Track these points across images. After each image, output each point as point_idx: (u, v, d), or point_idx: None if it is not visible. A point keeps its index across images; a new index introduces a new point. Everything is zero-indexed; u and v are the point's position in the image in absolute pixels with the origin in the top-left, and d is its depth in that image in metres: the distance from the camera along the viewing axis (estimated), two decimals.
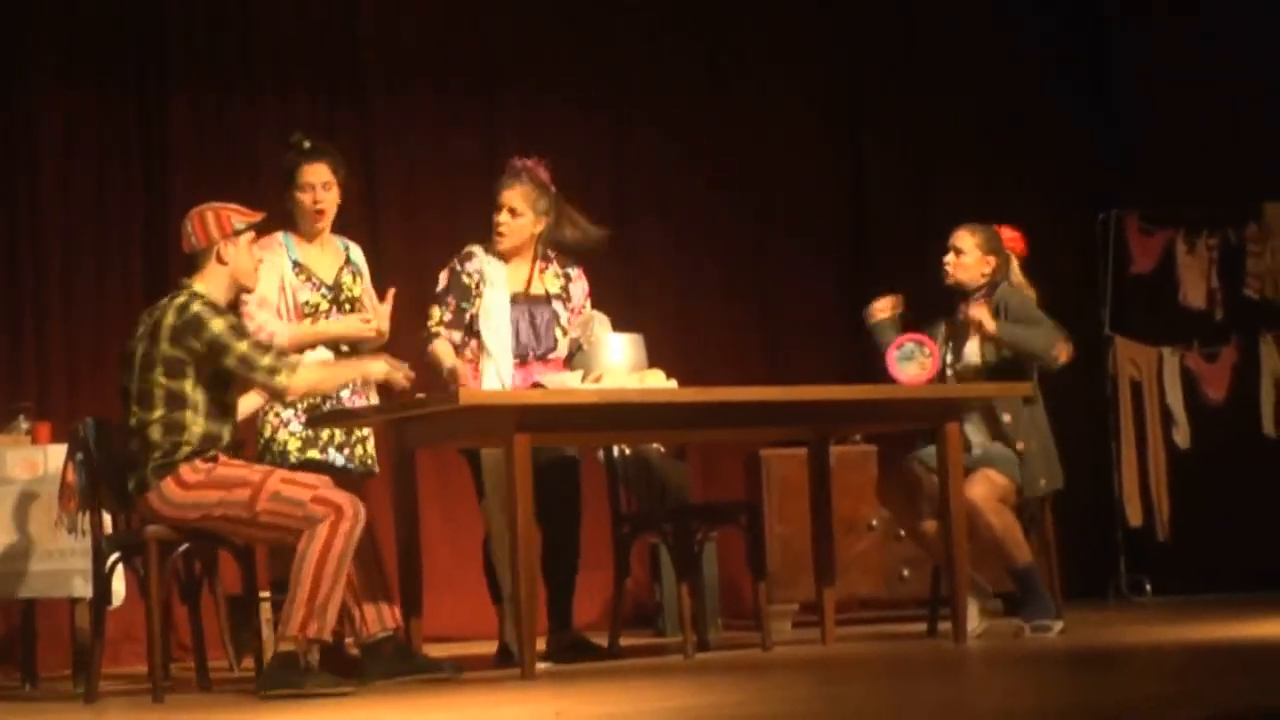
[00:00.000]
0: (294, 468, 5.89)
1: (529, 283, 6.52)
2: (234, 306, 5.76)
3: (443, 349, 6.36)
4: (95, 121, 8.07)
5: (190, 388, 5.47)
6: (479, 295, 6.43)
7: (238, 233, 5.61)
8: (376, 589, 5.69)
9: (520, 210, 6.45)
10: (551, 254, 6.56)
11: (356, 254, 6.42)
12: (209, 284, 5.60)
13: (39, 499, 6.51)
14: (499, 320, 6.41)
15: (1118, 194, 9.32)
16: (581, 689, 5.29)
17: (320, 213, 6.27)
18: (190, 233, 5.63)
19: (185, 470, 5.44)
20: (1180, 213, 9.03)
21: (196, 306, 5.51)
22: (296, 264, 6.20)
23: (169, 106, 8.17)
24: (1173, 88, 9.29)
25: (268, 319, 6.07)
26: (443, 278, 6.49)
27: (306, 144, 6.28)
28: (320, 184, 6.25)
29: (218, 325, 5.47)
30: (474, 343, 6.41)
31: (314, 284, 6.21)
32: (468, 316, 6.42)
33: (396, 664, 5.67)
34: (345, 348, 6.15)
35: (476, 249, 6.50)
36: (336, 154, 6.34)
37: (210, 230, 5.61)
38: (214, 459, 5.47)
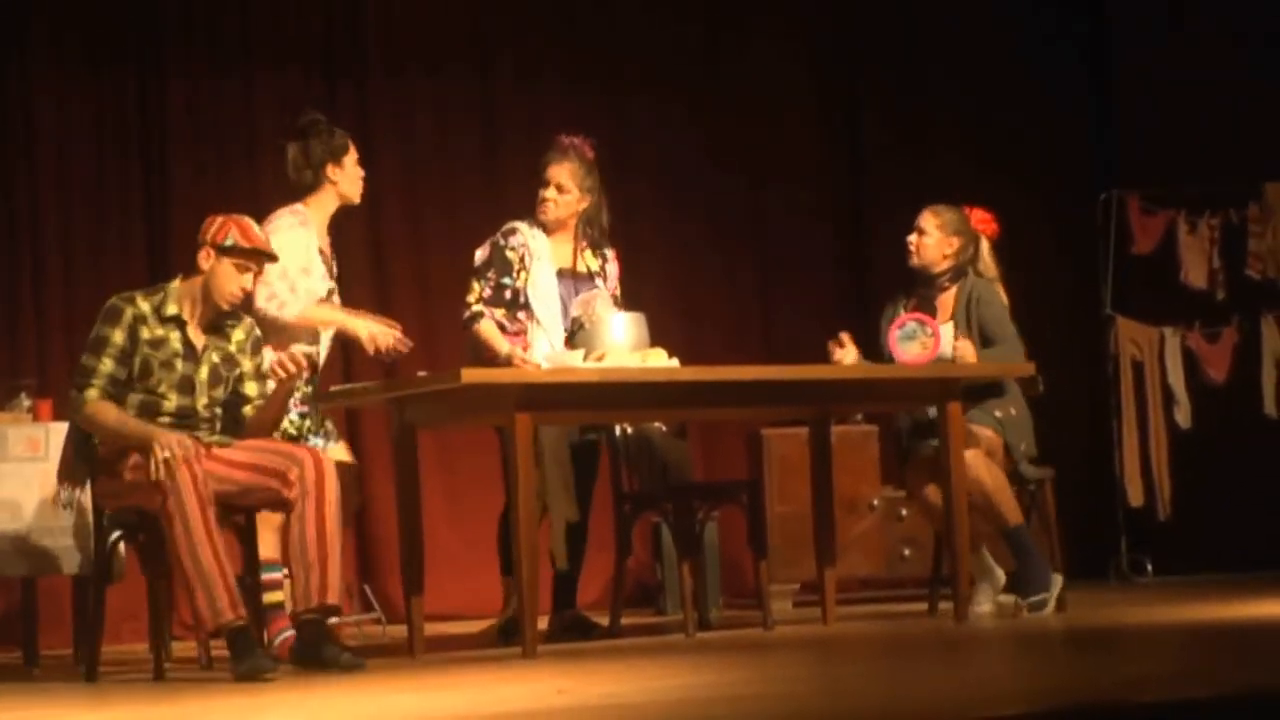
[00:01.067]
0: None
1: (574, 259, 6.54)
2: (213, 328, 5.60)
3: (491, 331, 6.36)
4: (93, 101, 8.07)
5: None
6: (524, 269, 6.45)
7: (223, 250, 5.51)
8: (309, 564, 5.45)
9: (567, 187, 6.48)
10: (591, 232, 6.58)
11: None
12: (185, 286, 5.57)
13: (40, 477, 6.52)
14: (547, 291, 6.44)
15: (1119, 174, 9.31)
16: (583, 667, 5.29)
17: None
18: (200, 229, 5.60)
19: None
20: (1181, 193, 9.02)
21: (116, 299, 5.51)
22: (321, 251, 6.19)
23: (167, 87, 8.16)
24: (1174, 68, 9.27)
25: (284, 290, 6.04)
26: (481, 253, 6.52)
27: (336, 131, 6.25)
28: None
29: (98, 324, 5.47)
30: (522, 314, 6.41)
31: (334, 273, 6.23)
32: (509, 292, 6.42)
33: (304, 649, 5.47)
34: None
35: (519, 224, 6.53)
36: None
37: (205, 233, 5.56)
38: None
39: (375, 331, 6.08)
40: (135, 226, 8.10)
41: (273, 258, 5.71)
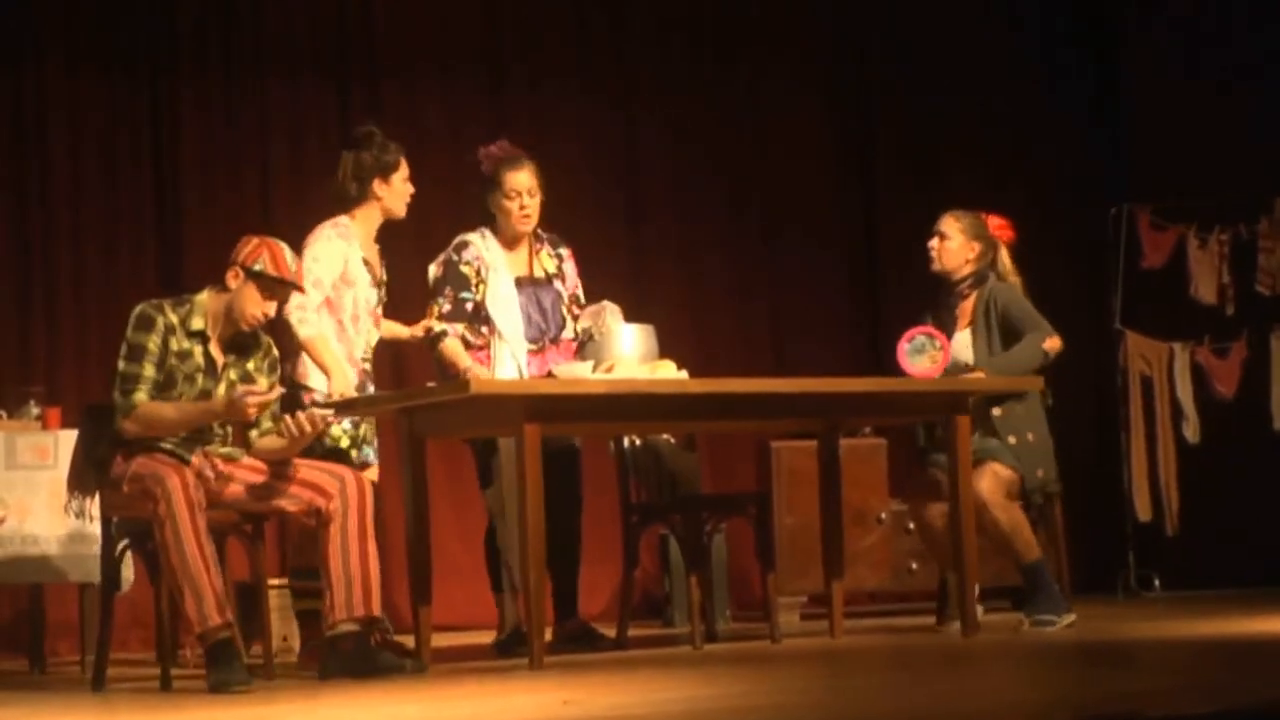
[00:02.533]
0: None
1: (530, 265, 6.50)
2: (236, 345, 5.59)
3: (454, 347, 6.34)
4: (105, 109, 8.08)
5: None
6: (482, 282, 6.40)
7: (251, 273, 5.51)
8: (351, 577, 5.53)
9: (537, 191, 6.44)
10: (542, 235, 6.55)
11: None
12: (211, 301, 5.57)
13: (49, 484, 6.52)
14: (507, 303, 6.40)
15: (1129, 189, 9.30)
16: (590, 679, 5.29)
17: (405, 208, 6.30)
18: (236, 248, 5.63)
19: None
20: (1192, 208, 9.02)
21: (146, 306, 5.51)
22: (365, 260, 6.22)
23: (179, 94, 8.17)
24: (1185, 82, 9.27)
25: (308, 303, 6.03)
26: (435, 270, 6.47)
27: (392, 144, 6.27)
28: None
29: (131, 331, 5.47)
30: (484, 329, 6.40)
31: (376, 282, 6.25)
32: (469, 306, 6.40)
33: (357, 662, 5.51)
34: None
35: (471, 237, 6.47)
36: None
37: (238, 253, 5.57)
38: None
39: (344, 389, 6.05)
40: (146, 235, 8.11)
41: (299, 289, 5.73)
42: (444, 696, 4.99)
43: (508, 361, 6.34)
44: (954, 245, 6.66)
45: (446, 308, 6.40)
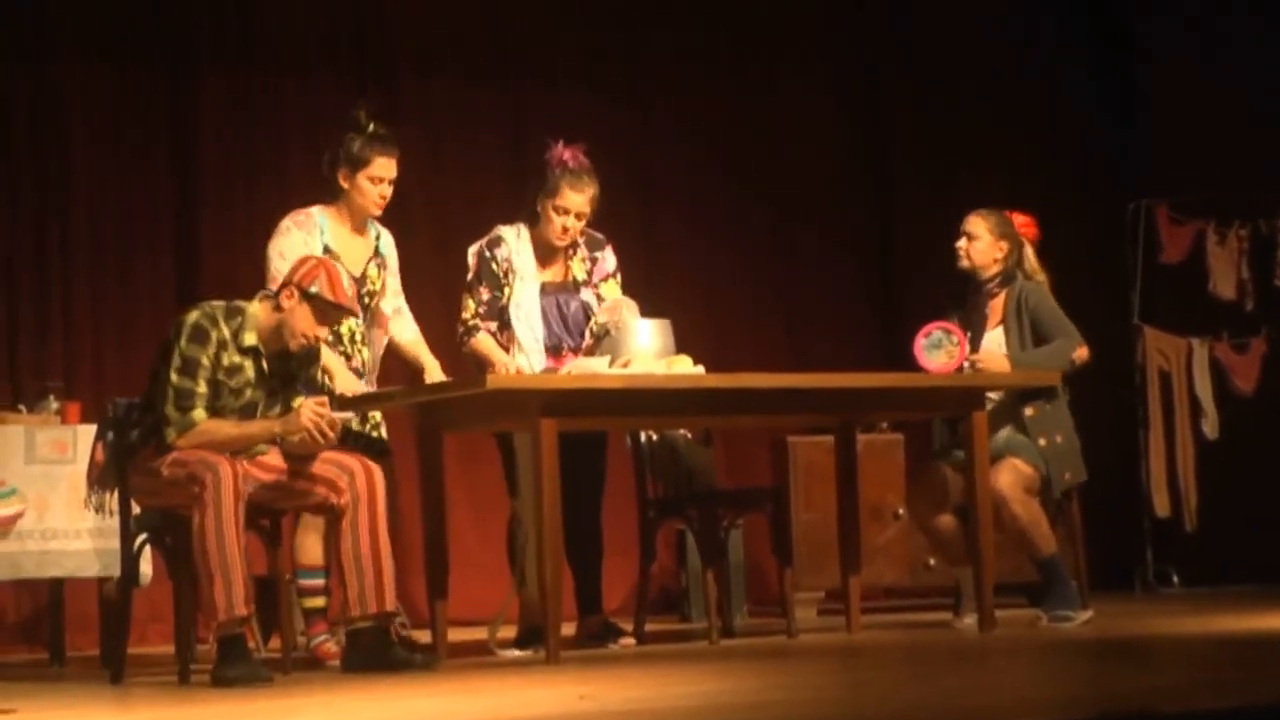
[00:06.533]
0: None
1: (563, 272, 6.45)
2: (279, 356, 5.56)
3: (487, 343, 6.31)
4: (123, 104, 8.09)
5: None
6: (508, 285, 6.36)
7: (306, 296, 5.47)
8: (364, 571, 5.53)
9: (587, 214, 6.34)
10: (578, 239, 6.50)
11: (386, 244, 6.33)
12: (262, 314, 5.54)
13: (68, 479, 6.54)
14: (529, 312, 6.35)
15: (1147, 184, 9.28)
16: (606, 674, 5.29)
17: (381, 207, 6.18)
18: (272, 261, 5.60)
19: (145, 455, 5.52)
20: (1210, 203, 8.99)
21: (200, 317, 5.47)
22: (327, 249, 6.11)
23: (197, 90, 8.18)
24: (1203, 76, 9.24)
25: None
26: (472, 262, 6.40)
27: (381, 130, 6.10)
28: (389, 179, 6.12)
29: (181, 343, 5.43)
30: (505, 333, 6.37)
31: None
32: (499, 305, 6.36)
33: (371, 657, 5.52)
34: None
35: (505, 233, 6.39)
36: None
37: (294, 272, 5.54)
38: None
39: (350, 387, 6.01)
40: (164, 231, 8.12)
41: (354, 314, 5.70)
42: (461, 690, 5.00)
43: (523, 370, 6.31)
44: (982, 245, 6.65)
45: (484, 299, 6.33)
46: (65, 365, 7.78)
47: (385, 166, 6.14)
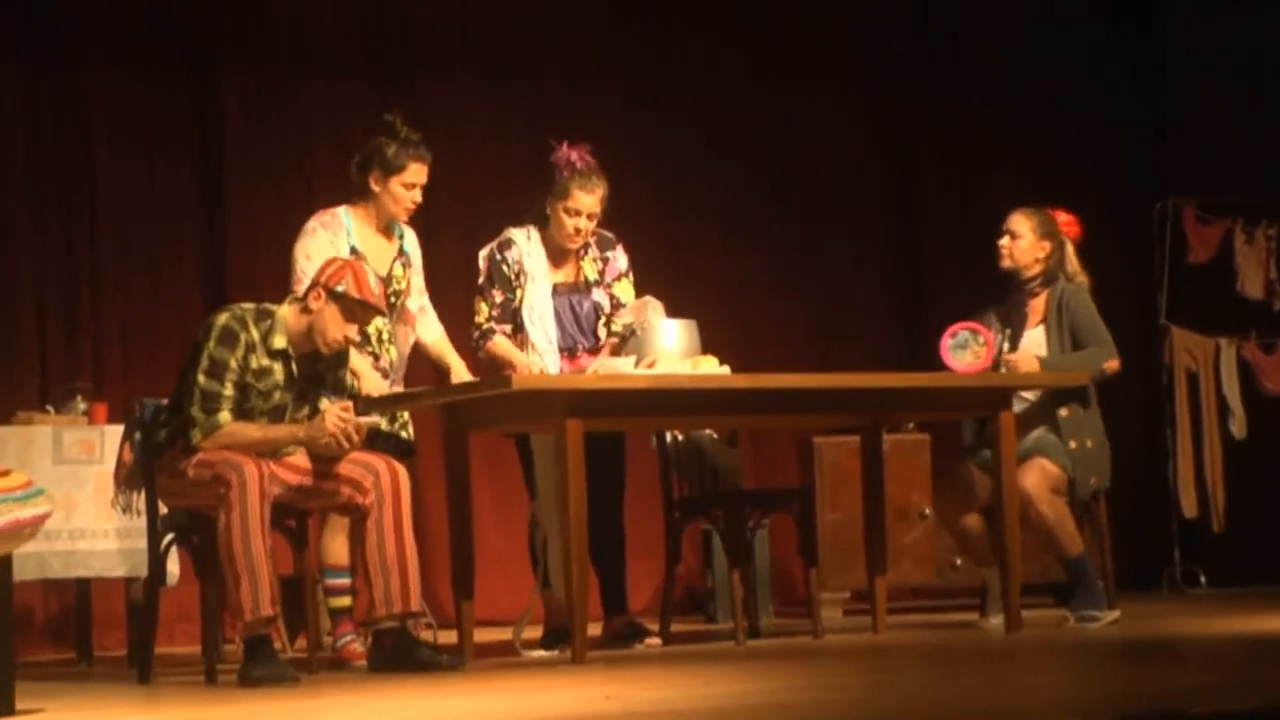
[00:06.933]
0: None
1: (574, 272, 6.45)
2: (308, 358, 5.57)
3: (505, 345, 6.31)
4: (149, 105, 8.11)
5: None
6: (520, 287, 6.35)
7: (333, 295, 5.48)
8: (389, 570, 5.54)
9: (597, 214, 6.34)
10: (590, 239, 6.47)
11: (410, 243, 6.34)
12: (290, 317, 5.55)
13: (95, 479, 6.56)
14: (542, 314, 6.35)
15: (1175, 183, 9.25)
16: (632, 674, 5.29)
17: (411, 212, 6.20)
18: (298, 262, 5.62)
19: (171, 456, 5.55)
20: (1238, 202, 8.96)
21: (230, 320, 5.48)
22: (354, 249, 6.12)
23: (221, 90, 8.20)
24: (1229, 76, 9.21)
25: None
26: (482, 265, 6.39)
27: (414, 136, 6.13)
28: (421, 184, 6.14)
29: (209, 345, 5.44)
30: (519, 336, 6.37)
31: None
32: (512, 307, 6.36)
33: (396, 657, 5.53)
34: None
35: (517, 236, 6.39)
36: None
37: (321, 273, 5.55)
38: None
39: (377, 388, 6.04)
40: (189, 232, 8.14)
41: (382, 313, 5.72)
42: (487, 690, 5.00)
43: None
44: (1025, 244, 6.63)
45: (498, 302, 6.34)
46: (93, 366, 7.81)
47: (418, 172, 6.16)
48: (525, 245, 6.39)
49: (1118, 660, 5.32)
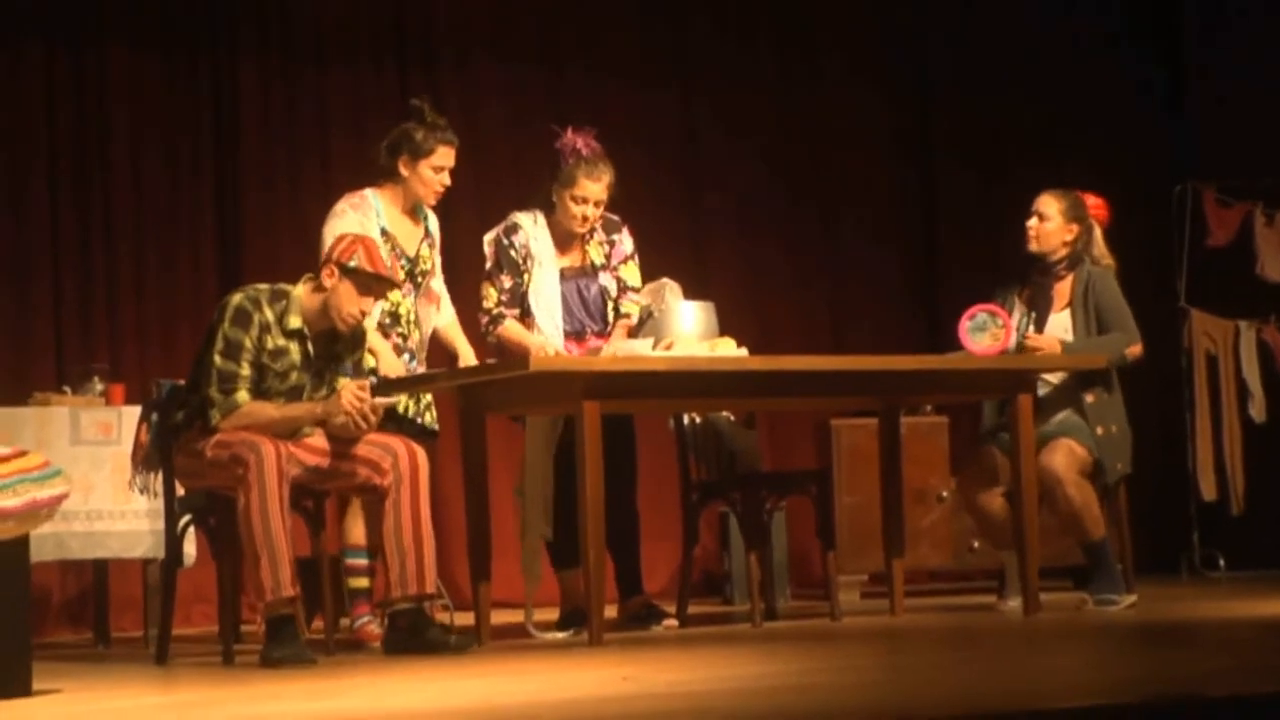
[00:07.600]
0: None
1: (581, 256, 6.43)
2: (325, 337, 5.57)
3: (516, 329, 6.30)
4: (166, 91, 8.11)
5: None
6: (527, 271, 6.33)
7: (346, 270, 5.49)
8: (405, 552, 5.54)
9: (604, 201, 6.33)
10: (597, 222, 6.43)
11: (434, 224, 6.38)
12: (305, 296, 5.55)
13: (112, 460, 6.57)
14: (549, 298, 6.33)
15: (1195, 166, 9.22)
16: (649, 656, 5.29)
17: (439, 195, 6.22)
18: (327, 243, 5.63)
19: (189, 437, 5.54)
20: (1259, 185, 8.93)
21: (244, 300, 5.48)
22: (384, 231, 6.15)
23: (239, 74, 8.19)
24: (1251, 58, 9.17)
25: None
26: (489, 250, 6.38)
27: (441, 120, 6.16)
28: (449, 168, 6.18)
29: (224, 325, 5.45)
30: (526, 320, 6.35)
31: (397, 254, 6.19)
32: (520, 291, 6.34)
33: (409, 638, 5.54)
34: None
35: (523, 220, 6.37)
36: None
37: (332, 250, 5.56)
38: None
39: (394, 369, 6.02)
40: (206, 215, 8.14)
41: (396, 285, 5.72)
42: (504, 672, 5.00)
43: None
44: (1052, 226, 6.60)
45: (506, 286, 6.34)
46: (110, 347, 7.81)
47: (446, 155, 6.19)
48: (532, 230, 6.37)
49: (1136, 644, 5.31)
